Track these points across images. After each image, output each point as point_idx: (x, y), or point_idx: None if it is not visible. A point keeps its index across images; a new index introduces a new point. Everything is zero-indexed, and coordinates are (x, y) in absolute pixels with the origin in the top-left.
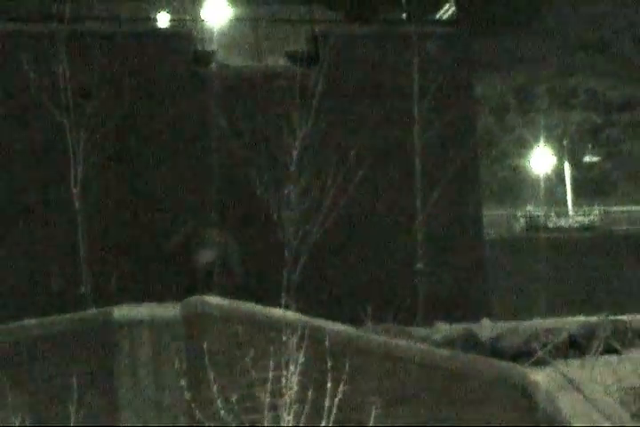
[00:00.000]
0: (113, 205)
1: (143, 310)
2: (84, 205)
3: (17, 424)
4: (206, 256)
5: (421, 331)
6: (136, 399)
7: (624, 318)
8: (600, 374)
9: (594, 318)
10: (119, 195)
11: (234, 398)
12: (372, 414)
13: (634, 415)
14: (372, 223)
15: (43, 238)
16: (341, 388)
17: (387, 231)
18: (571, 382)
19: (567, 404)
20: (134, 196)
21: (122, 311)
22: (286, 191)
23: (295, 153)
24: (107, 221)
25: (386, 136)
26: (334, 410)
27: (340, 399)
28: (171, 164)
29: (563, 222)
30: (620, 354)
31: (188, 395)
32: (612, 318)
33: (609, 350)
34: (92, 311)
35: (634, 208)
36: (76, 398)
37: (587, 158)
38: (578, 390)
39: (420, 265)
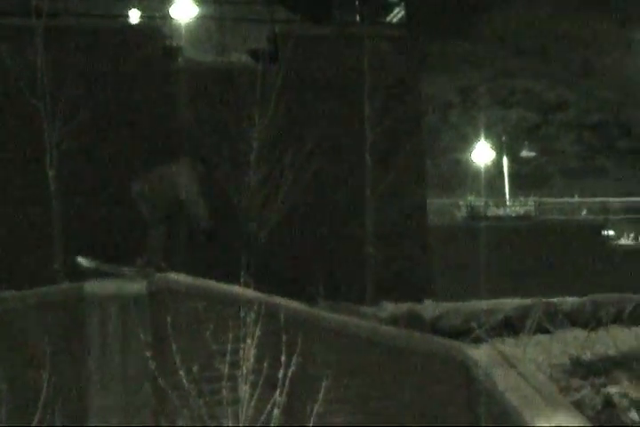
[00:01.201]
0: (86, 186)
1: (111, 286)
2: (59, 186)
3: None
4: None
5: (369, 309)
6: (104, 368)
7: (555, 300)
8: (532, 352)
9: (527, 301)
10: (92, 177)
11: (195, 368)
12: (323, 386)
13: (562, 390)
14: (326, 210)
15: (19, 217)
16: (294, 361)
17: (340, 218)
18: (506, 358)
19: (502, 378)
20: (106, 177)
21: (92, 286)
22: (246, 178)
23: (255, 143)
24: (80, 201)
25: (339, 129)
26: (287, 381)
27: (293, 371)
28: (140, 148)
29: (501, 212)
30: (551, 334)
31: (152, 365)
32: (543, 300)
33: (541, 330)
34: (65, 286)
35: (565, 200)
36: (48, 366)
37: (523, 154)
38: (512, 365)
39: (369, 249)
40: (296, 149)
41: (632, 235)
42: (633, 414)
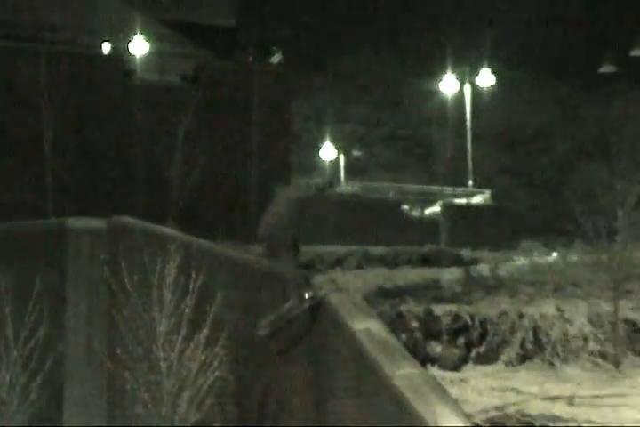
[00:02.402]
0: (69, 153)
1: (82, 222)
2: (52, 155)
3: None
4: None
5: (251, 247)
6: (76, 278)
7: (369, 248)
8: (353, 281)
9: (352, 247)
10: (75, 149)
11: (136, 279)
12: (218, 294)
13: (370, 303)
14: (225, 184)
15: (18, 166)
16: (200, 278)
17: (234, 190)
18: (336, 283)
19: (333, 296)
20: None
21: (72, 221)
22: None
23: (181, 136)
24: (63, 163)
25: (236, 131)
26: (195, 290)
27: (199, 284)
28: (102, 134)
29: (337, 190)
30: (366, 270)
31: (107, 274)
32: (362, 248)
33: (359, 267)
34: (52, 220)
35: (380, 184)
36: (38, 283)
37: (354, 153)
38: (340, 289)
39: (253, 210)
40: (208, 144)
41: (419, 209)
42: (414, 323)
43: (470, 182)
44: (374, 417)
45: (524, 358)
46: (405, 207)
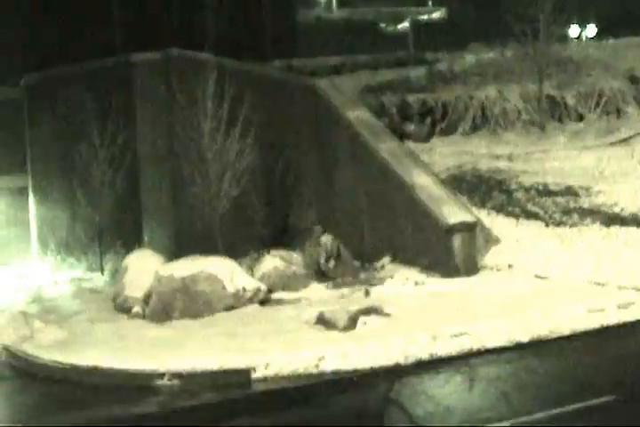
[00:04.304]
0: None
1: (144, 55)
2: None
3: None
4: None
5: (265, 65)
6: (143, 95)
7: (357, 56)
8: (348, 82)
9: (345, 57)
10: None
11: (185, 93)
12: (245, 100)
13: (359, 97)
14: (248, 16)
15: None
16: (232, 89)
17: (254, 20)
18: (334, 85)
19: (332, 93)
20: None
21: (137, 55)
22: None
23: None
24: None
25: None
26: (230, 97)
27: (232, 94)
28: None
29: (333, 15)
30: (358, 74)
31: (163, 91)
32: (352, 56)
33: (353, 71)
34: (120, 56)
35: (362, 9)
36: (113, 102)
37: None
38: (336, 88)
39: (266, 32)
40: None
41: (393, 26)
42: (393, 109)
43: (430, 3)
44: (367, 178)
45: (474, 129)
46: (383, 25)
